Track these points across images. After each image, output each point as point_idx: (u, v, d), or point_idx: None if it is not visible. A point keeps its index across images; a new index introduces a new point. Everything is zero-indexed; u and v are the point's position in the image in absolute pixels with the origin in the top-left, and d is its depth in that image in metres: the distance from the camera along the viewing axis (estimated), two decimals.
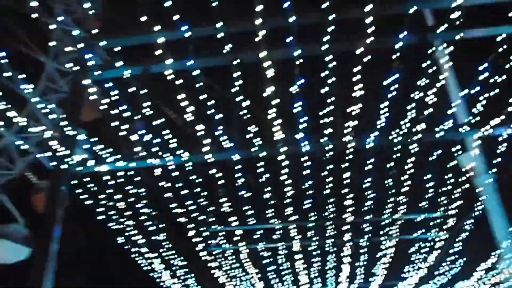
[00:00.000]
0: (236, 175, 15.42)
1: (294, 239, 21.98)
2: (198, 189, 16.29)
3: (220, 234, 21.90)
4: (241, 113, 12.77)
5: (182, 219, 18.34)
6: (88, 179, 14.85)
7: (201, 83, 12.07)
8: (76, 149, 13.30)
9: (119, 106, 12.46)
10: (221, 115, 12.89)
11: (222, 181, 15.73)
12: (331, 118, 13.37)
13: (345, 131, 13.46)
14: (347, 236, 22.83)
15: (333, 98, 12.90)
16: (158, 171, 14.77)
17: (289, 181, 16.03)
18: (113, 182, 14.83)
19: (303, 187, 16.78)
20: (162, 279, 22.82)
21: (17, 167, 30.36)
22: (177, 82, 11.99)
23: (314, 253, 24.23)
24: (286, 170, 15.28)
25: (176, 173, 14.89)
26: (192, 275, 23.70)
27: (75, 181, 14.19)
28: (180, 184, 15.74)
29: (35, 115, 23.44)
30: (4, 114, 14.57)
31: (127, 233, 18.14)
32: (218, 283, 26.19)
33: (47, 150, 13.47)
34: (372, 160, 15.74)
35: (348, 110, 13.09)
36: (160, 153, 13.18)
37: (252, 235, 22.37)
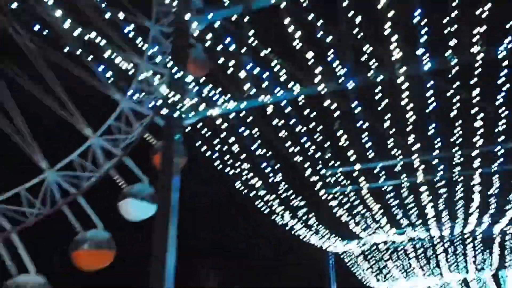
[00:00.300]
0: (352, 105, 14.36)
1: (418, 171, 20.57)
2: (313, 124, 15.51)
3: (339, 171, 21.12)
4: (353, 32, 11.59)
5: (299, 158, 17.76)
6: (201, 124, 14.66)
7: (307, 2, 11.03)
8: (186, 94, 13.05)
9: (224, 41, 11.84)
10: (331, 37, 11.78)
11: (338, 113, 14.73)
12: (456, 26, 11.75)
13: (473, 40, 11.82)
14: (476, 163, 20.92)
15: (457, 1, 11.24)
16: (270, 109, 14.13)
17: (411, 106, 14.62)
18: (225, 125, 14.48)
19: (426, 111, 15.26)
20: (284, 221, 22.67)
21: (136, 130, 32.03)
22: (282, 6, 11.09)
23: (441, 183, 22.60)
24: (407, 93, 13.93)
25: (289, 108, 14.17)
26: (313, 214, 23.26)
27: (189, 128, 14.05)
28: (294, 121, 15.03)
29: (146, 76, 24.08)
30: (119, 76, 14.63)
31: (244, 177, 17.95)
32: (340, 221, 25.64)
33: (158, 99, 13.34)
34: (505, 72, 13.81)
35: (477, 12, 11.36)
36: (270, 89, 12.53)
37: (372, 171, 21.32)
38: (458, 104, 15.42)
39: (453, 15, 11.39)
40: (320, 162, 19.24)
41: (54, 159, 32.69)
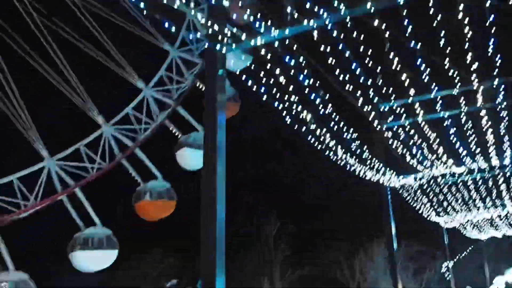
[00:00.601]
0: (403, 23, 13.38)
1: (477, 93, 19.29)
2: (362, 48, 14.66)
3: (392, 99, 20.19)
4: None
5: (349, 87, 16.99)
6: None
7: None
8: (226, 24, 12.63)
9: None
10: None
11: (388, 34, 13.82)
12: None
13: None
14: None
15: None
16: (315, 34, 13.41)
17: (467, 20, 13.48)
18: (270, 55, 13.93)
19: (486, 24, 14.02)
20: (338, 156, 22.11)
21: (187, 78, 32.11)
22: None
23: (501, 107, 21.12)
24: (462, 6, 12.84)
25: (335, 32, 13.42)
26: (366, 147, 22.48)
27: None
28: (342, 45, 14.21)
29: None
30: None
31: (293, 111, 17.40)
32: (397, 154, 24.78)
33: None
34: None
35: None
36: (314, 11, 11.86)
37: (429, 100, 20.24)
38: None
39: None
40: (372, 90, 18.34)
41: (109, 114, 33.54)
